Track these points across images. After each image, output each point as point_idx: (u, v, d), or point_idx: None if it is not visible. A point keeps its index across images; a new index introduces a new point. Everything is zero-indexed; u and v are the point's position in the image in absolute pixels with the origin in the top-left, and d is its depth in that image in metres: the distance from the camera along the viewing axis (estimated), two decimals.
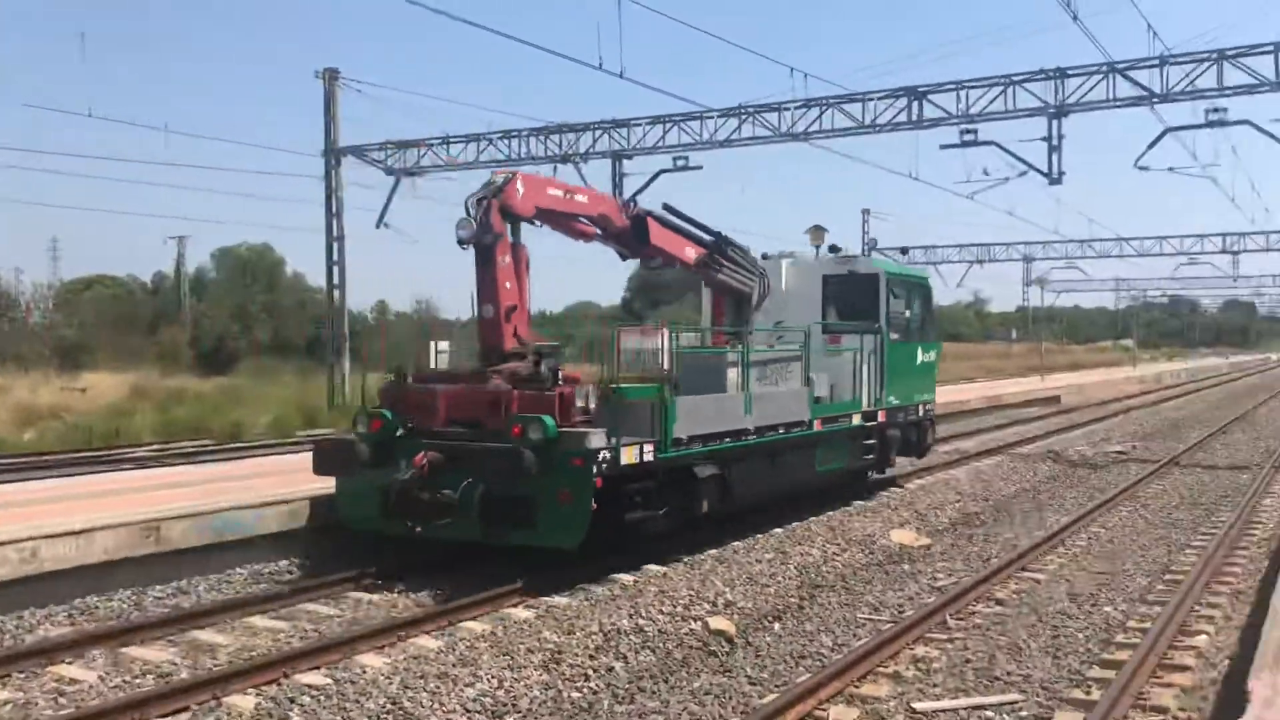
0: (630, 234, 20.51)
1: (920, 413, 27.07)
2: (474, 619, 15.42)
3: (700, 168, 42.52)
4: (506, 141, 45.37)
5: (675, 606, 15.31)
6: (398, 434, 18.10)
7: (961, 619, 15.51)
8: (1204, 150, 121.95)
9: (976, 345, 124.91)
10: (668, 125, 42.68)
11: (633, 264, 21.98)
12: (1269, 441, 39.68)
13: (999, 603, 16.38)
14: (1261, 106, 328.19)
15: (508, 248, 18.41)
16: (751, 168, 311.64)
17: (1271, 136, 35.17)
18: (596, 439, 17.04)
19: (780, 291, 24.74)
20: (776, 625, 15.26)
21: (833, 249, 26.00)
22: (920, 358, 27.16)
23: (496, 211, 18.17)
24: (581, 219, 19.87)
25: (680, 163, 42.60)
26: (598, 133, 43.77)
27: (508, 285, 18.39)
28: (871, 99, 38.55)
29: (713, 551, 19.09)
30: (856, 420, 24.03)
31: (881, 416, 24.97)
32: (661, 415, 18.02)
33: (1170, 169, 41.21)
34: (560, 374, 18.22)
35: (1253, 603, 16.11)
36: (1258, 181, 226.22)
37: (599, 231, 20.21)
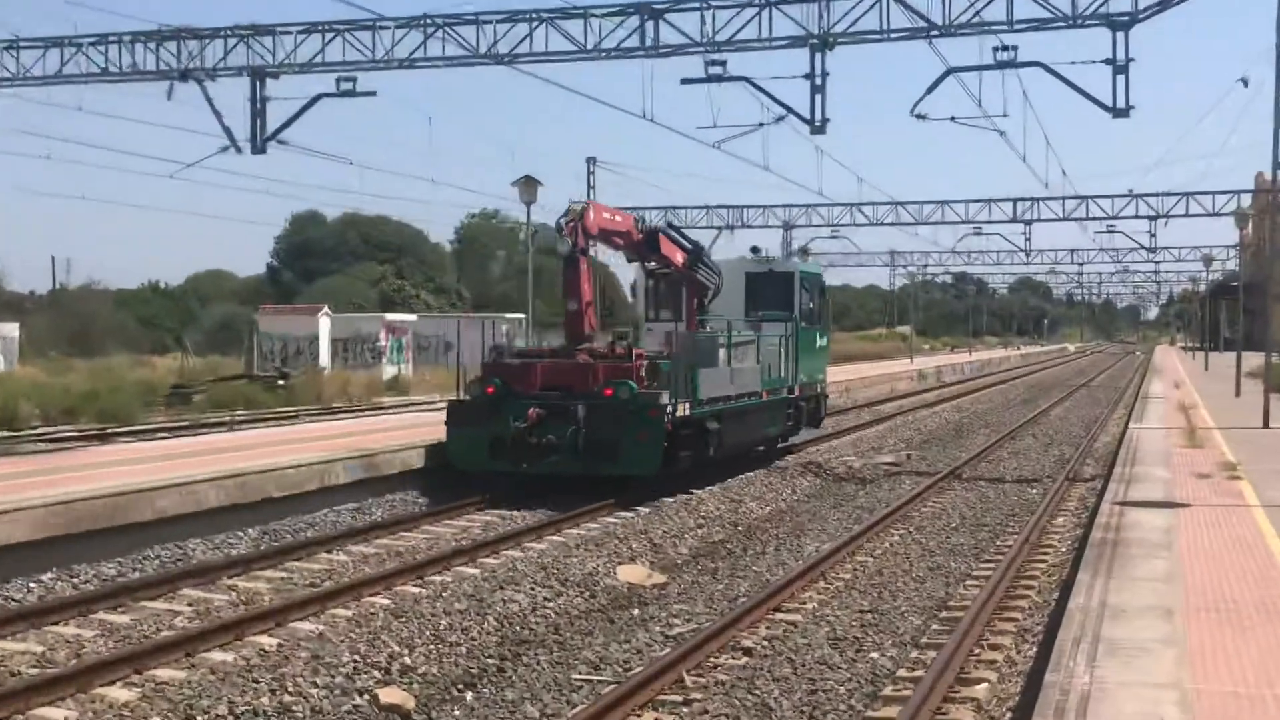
0: (643, 244, 29.74)
1: (818, 390, 37.16)
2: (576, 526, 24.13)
3: (373, 93, 39.01)
4: (102, 50, 40.73)
5: (334, 677, 13.66)
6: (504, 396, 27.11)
7: (701, 675, 14.20)
8: (993, 98, 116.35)
9: None
10: (328, 35, 38.61)
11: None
12: (1062, 448, 38.80)
13: (746, 653, 15.09)
14: (1058, 47, 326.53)
15: (586, 259, 27.88)
16: (444, 97, 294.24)
17: (1067, 82, 33.71)
18: (665, 397, 26.61)
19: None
20: (469, 695, 13.77)
21: (754, 250, 36.63)
22: (819, 342, 36.79)
23: (581, 231, 27.28)
24: (616, 235, 28.84)
25: (345, 85, 38.74)
26: (231, 41, 39.35)
27: (585, 286, 27.69)
28: (595, 15, 36.03)
29: (383, 601, 17.41)
30: (784, 394, 33.66)
31: (797, 391, 34.77)
32: (692, 381, 27.66)
33: (952, 118, 39.59)
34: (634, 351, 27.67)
35: (1039, 642, 15.30)
36: (1053, 137, 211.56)
37: (622, 243, 29.43)
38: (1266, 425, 35.34)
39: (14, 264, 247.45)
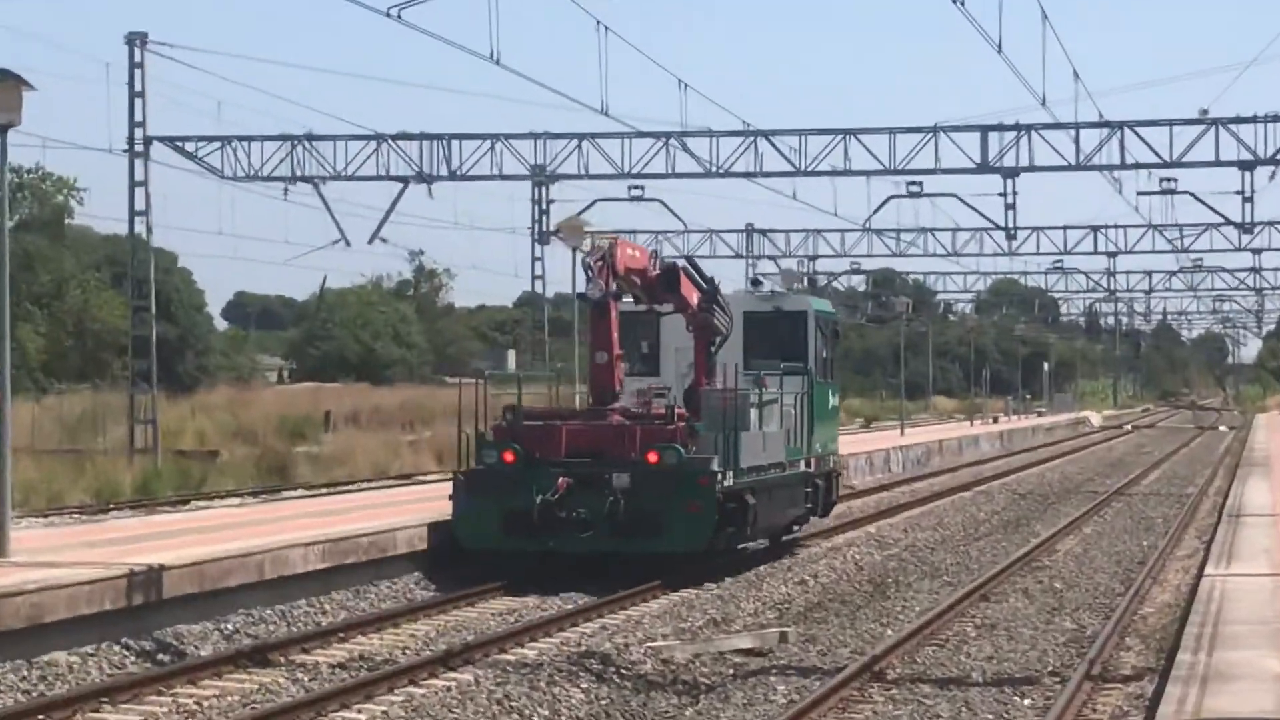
0: (659, 283, 29.40)
1: (831, 463, 35.08)
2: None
3: None
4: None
5: None
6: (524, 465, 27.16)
7: None
8: None
9: None
10: None
11: None
12: (1080, 617, 26.52)
13: None
14: None
15: (616, 304, 28.04)
16: None
17: None
18: (716, 463, 27.23)
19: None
20: None
21: (755, 283, 39.11)
22: (832, 401, 35.11)
23: (610, 272, 27.47)
24: (635, 274, 28.72)
25: None
26: None
27: (614, 336, 27.89)
28: None
29: None
30: (800, 468, 32.34)
31: (813, 465, 33.10)
32: (734, 446, 27.82)
33: None
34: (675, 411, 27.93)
35: None
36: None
37: (639, 283, 29.15)
38: None
39: None
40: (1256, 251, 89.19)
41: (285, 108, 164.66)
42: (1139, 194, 62.26)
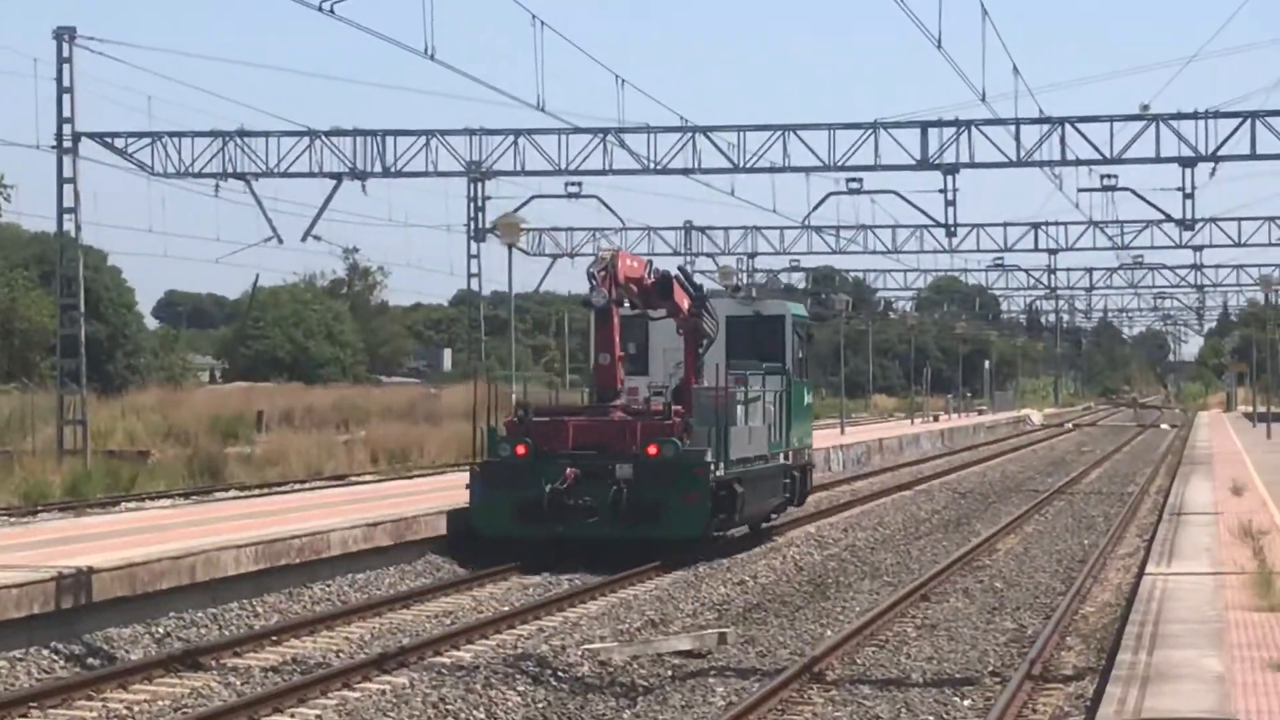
0: (654, 290, 32.21)
1: (806, 457, 38.78)
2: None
3: None
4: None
5: None
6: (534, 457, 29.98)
7: None
8: None
9: (395, 388, 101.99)
10: None
11: None
12: (1021, 616, 26.42)
13: None
14: None
15: (617, 310, 31.07)
16: None
17: None
18: (710, 454, 30.17)
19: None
20: None
21: (735, 289, 42.27)
22: (806, 399, 38.53)
23: (612, 281, 30.47)
24: (633, 282, 31.62)
25: None
26: None
27: (617, 339, 30.85)
28: None
29: None
30: (780, 460, 35.43)
31: (790, 458, 36.33)
32: (724, 440, 30.93)
33: None
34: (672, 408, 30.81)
35: None
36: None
37: (635, 290, 32.09)
38: None
39: None
40: (1197, 248, 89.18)
41: (217, 103, 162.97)
42: (1080, 190, 61.88)
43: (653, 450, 29.71)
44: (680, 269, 36.37)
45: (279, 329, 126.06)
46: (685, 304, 32.73)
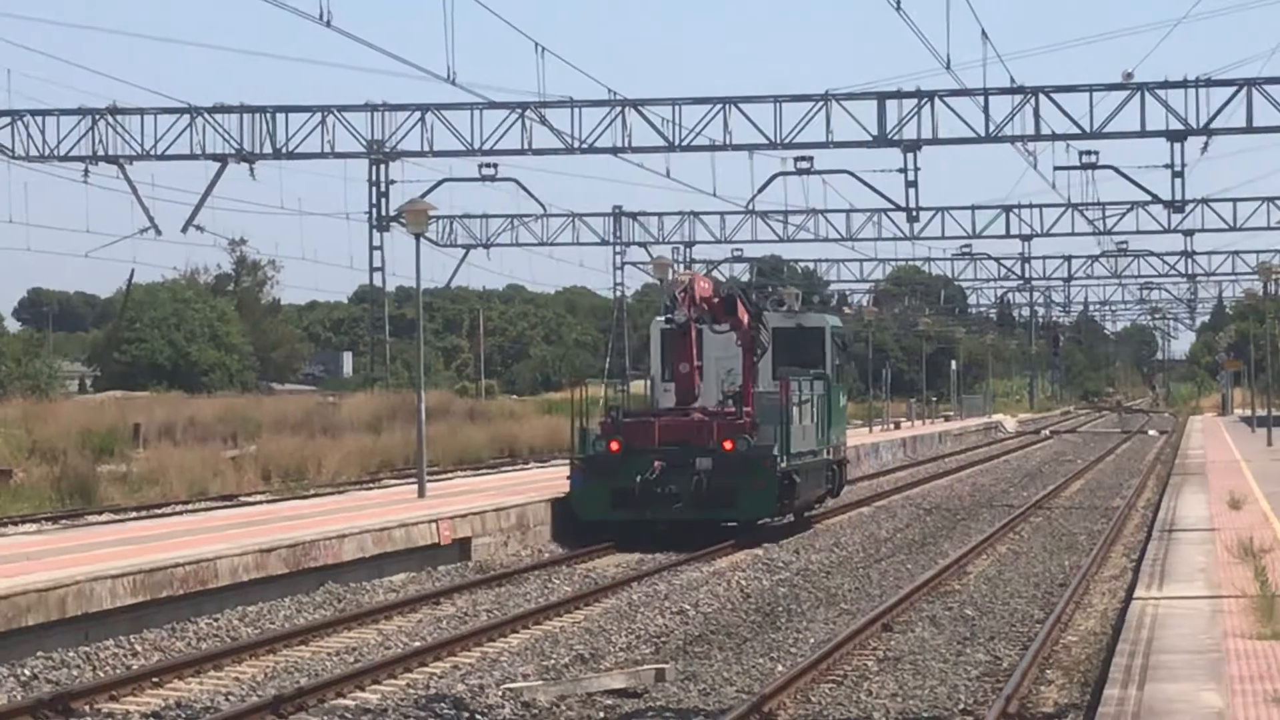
0: (721, 308, 40.70)
1: (843, 453, 49.79)
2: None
3: None
4: None
5: None
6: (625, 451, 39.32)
7: None
8: None
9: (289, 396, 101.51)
10: None
11: None
12: (996, 647, 27.16)
13: None
14: None
15: (695, 326, 39.82)
16: None
17: None
18: (776, 449, 39.51)
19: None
20: None
21: (778, 303, 46.71)
22: (842, 401, 49.27)
23: (690, 301, 39.09)
24: (705, 301, 40.15)
25: None
26: None
27: (694, 351, 39.84)
28: None
29: None
30: (824, 455, 45.69)
31: (831, 454, 46.74)
32: (786, 435, 40.37)
33: None
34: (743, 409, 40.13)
35: None
36: None
37: (707, 308, 40.40)
38: None
39: None
40: (1188, 233, 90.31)
41: (85, 77, 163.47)
42: (1056, 169, 62.60)
43: (728, 445, 38.75)
44: (742, 288, 48.70)
45: (157, 331, 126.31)
46: (745, 319, 40.98)
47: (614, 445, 39.21)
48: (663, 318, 43.48)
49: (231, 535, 31.85)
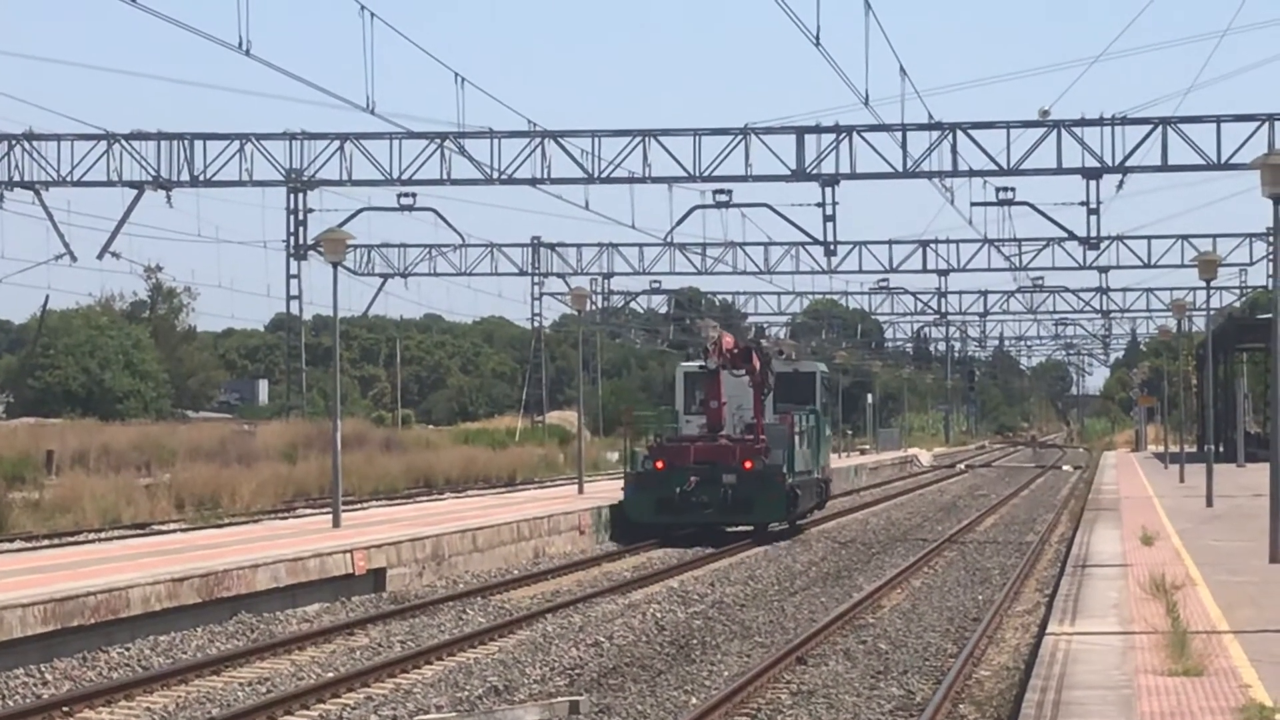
0: (739, 356, 50.40)
1: (827, 473, 62.39)
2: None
3: None
4: None
5: None
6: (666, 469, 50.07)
7: None
8: None
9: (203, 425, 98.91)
10: None
11: None
12: (902, 682, 26.81)
13: None
14: None
15: (723, 372, 50.01)
16: None
17: None
18: (785, 468, 50.61)
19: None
20: None
21: (778, 352, 56.94)
22: (828, 433, 63.34)
23: (719, 351, 49.04)
24: (728, 351, 49.82)
25: None
26: None
27: (722, 390, 49.98)
28: None
29: None
30: (815, 475, 57.52)
31: (819, 473, 58.76)
32: (791, 457, 51.78)
33: None
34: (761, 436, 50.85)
35: None
36: None
37: (729, 357, 49.93)
38: None
39: None
40: (1103, 270, 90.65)
41: (0, 103, 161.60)
42: (973, 205, 62.54)
43: (748, 465, 48.92)
44: (757, 339, 62.12)
45: (71, 358, 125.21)
46: (757, 364, 50.69)
47: (659, 464, 49.50)
48: (688, 363, 57.80)
49: (144, 564, 31.52)
